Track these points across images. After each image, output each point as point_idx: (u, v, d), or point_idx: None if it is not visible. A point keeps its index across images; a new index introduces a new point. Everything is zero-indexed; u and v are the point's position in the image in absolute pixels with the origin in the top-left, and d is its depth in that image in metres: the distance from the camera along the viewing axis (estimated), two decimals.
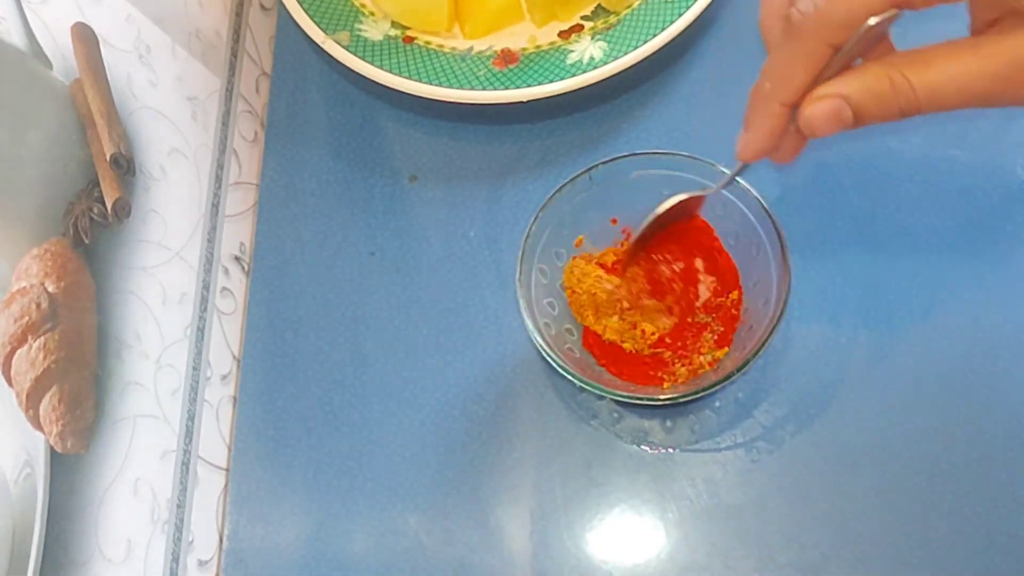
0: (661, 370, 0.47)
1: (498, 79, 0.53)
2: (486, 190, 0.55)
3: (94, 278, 0.46)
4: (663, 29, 0.52)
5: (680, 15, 0.52)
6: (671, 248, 0.48)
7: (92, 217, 0.47)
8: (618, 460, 0.48)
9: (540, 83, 0.52)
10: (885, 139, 0.51)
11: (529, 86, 0.52)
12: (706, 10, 0.52)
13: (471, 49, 0.56)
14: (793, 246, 0.43)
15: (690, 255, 0.48)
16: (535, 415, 0.49)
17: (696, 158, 0.46)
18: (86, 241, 0.46)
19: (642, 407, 0.49)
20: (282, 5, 0.57)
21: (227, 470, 0.51)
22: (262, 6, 0.63)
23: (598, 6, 0.56)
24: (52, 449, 0.42)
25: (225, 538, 0.50)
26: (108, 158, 0.48)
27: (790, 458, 0.46)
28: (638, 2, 0.54)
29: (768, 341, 0.42)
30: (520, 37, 0.56)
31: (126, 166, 0.49)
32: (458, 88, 0.53)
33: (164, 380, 0.49)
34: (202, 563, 0.49)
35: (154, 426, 0.48)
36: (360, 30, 0.56)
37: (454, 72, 0.54)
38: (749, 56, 0.56)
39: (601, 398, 0.49)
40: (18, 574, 0.40)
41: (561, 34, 0.56)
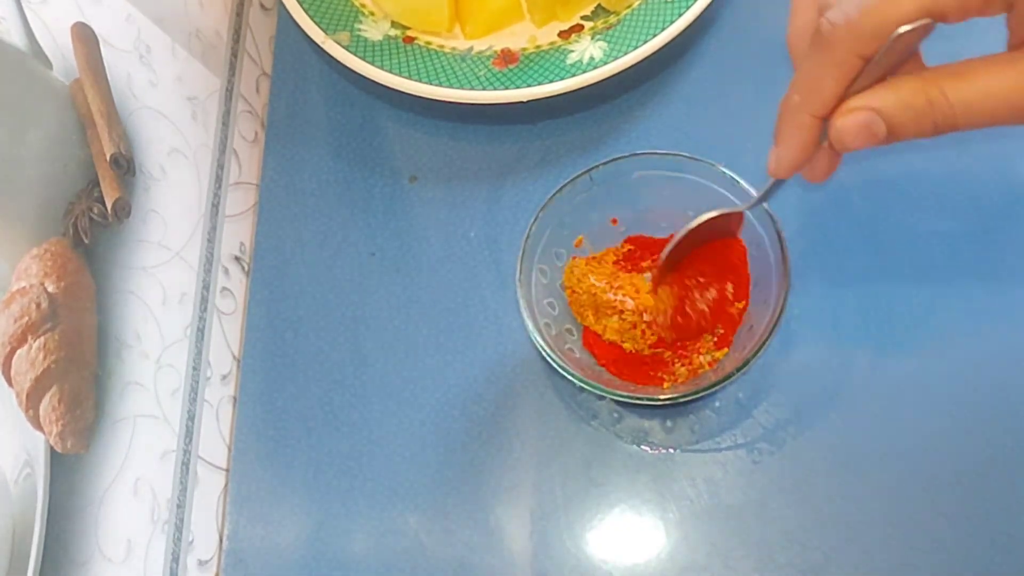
0: (661, 370, 0.47)
1: (498, 79, 0.53)
2: (486, 190, 0.55)
3: (94, 278, 0.46)
4: (663, 29, 0.52)
5: (680, 15, 0.52)
6: (705, 269, 0.47)
7: (92, 217, 0.47)
8: (618, 460, 0.48)
9: (540, 83, 0.52)
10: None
11: (529, 86, 0.52)
12: (706, 10, 0.52)
13: (471, 49, 0.56)
14: (793, 246, 0.43)
15: (723, 279, 0.47)
16: (535, 415, 0.49)
17: (696, 158, 0.46)
18: (86, 241, 0.46)
19: (642, 407, 0.49)
20: (282, 5, 0.57)
21: (227, 470, 0.51)
22: (262, 6, 0.63)
23: (598, 6, 0.56)
24: (52, 449, 0.42)
25: (225, 538, 0.50)
26: (108, 158, 0.48)
27: (791, 458, 0.46)
28: (638, 2, 0.54)
29: (768, 341, 0.42)
30: (520, 37, 0.56)
31: (126, 166, 0.49)
32: (458, 88, 0.53)
33: (164, 380, 0.49)
34: (202, 563, 0.49)
35: (154, 426, 0.48)
36: (360, 30, 0.56)
37: (454, 72, 0.54)
38: (749, 56, 0.56)
39: (601, 398, 0.49)
40: (18, 574, 0.40)
41: (561, 34, 0.56)
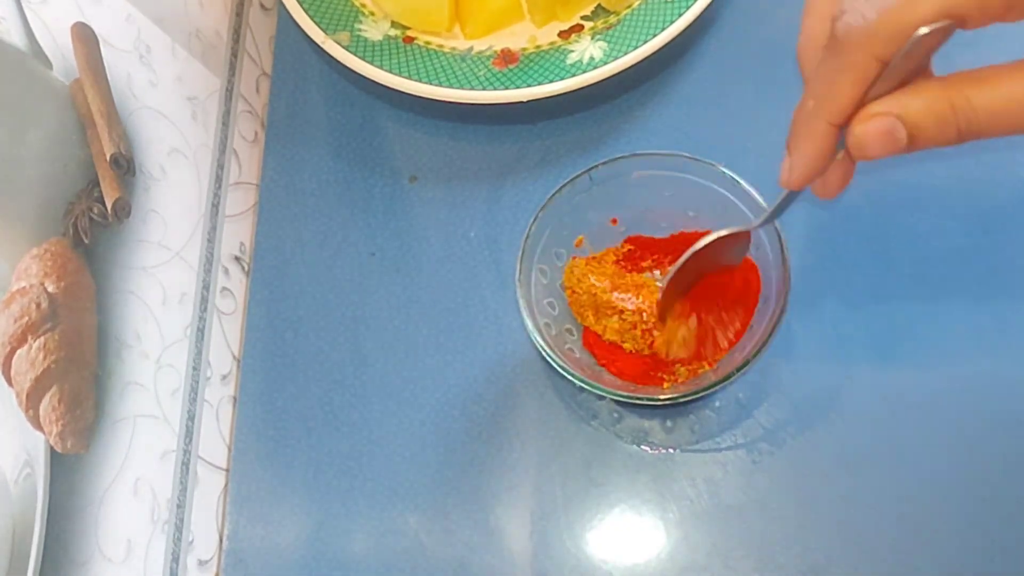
0: (661, 370, 0.47)
1: (498, 79, 0.53)
2: (486, 190, 0.55)
3: (94, 278, 0.46)
4: (663, 29, 0.52)
5: (680, 15, 0.52)
6: (721, 302, 0.46)
7: (92, 217, 0.47)
8: (618, 460, 0.48)
9: (540, 83, 0.52)
10: None
11: (529, 86, 0.52)
12: (706, 10, 0.52)
13: (471, 49, 0.56)
14: (793, 246, 0.43)
15: (748, 313, 0.45)
16: (535, 415, 0.49)
17: (696, 158, 0.46)
18: (86, 241, 0.46)
19: (642, 407, 0.49)
20: (282, 5, 0.57)
21: (227, 470, 0.51)
22: (262, 6, 0.63)
23: (598, 6, 0.56)
24: (52, 449, 0.42)
25: (225, 538, 0.50)
26: (108, 158, 0.48)
27: (791, 459, 0.46)
28: (638, 2, 0.54)
29: (768, 341, 0.42)
30: (520, 37, 0.56)
31: (126, 166, 0.49)
32: (458, 88, 0.53)
33: (164, 380, 0.49)
34: (202, 563, 0.49)
35: (154, 426, 0.48)
36: (360, 30, 0.56)
37: (454, 72, 0.54)
38: (749, 56, 0.56)
39: (601, 398, 0.49)
40: (18, 574, 0.40)
41: (561, 34, 0.55)
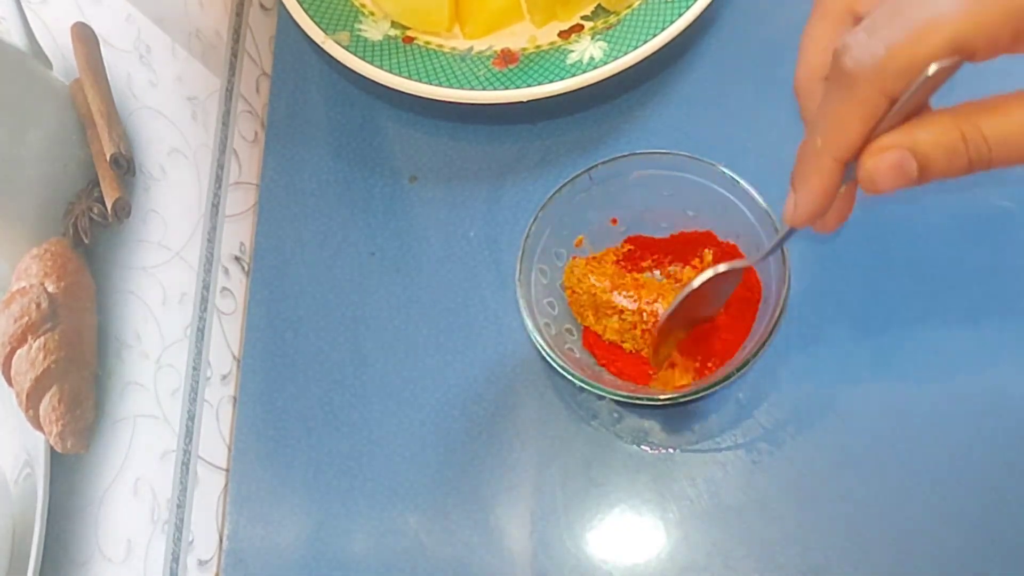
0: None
1: (498, 79, 0.53)
2: (486, 190, 0.55)
3: (94, 278, 0.46)
4: (663, 29, 0.52)
5: (680, 15, 0.52)
6: (715, 350, 0.46)
7: (92, 217, 0.47)
8: (618, 460, 0.48)
9: (540, 83, 0.52)
10: None
11: (529, 86, 0.52)
12: (706, 10, 0.52)
13: (471, 49, 0.56)
14: (794, 246, 0.43)
15: (749, 314, 0.46)
16: (535, 415, 0.49)
17: (696, 158, 0.46)
18: (86, 241, 0.46)
19: (642, 407, 0.48)
20: (282, 5, 0.57)
21: (227, 470, 0.51)
22: (262, 6, 0.63)
23: (598, 6, 0.56)
24: (52, 449, 0.42)
25: (225, 538, 0.50)
26: (108, 158, 0.48)
27: (791, 459, 0.46)
28: (638, 2, 0.54)
29: (768, 341, 0.42)
30: (520, 37, 0.56)
31: (126, 166, 0.49)
32: (458, 88, 0.53)
33: (164, 380, 0.49)
34: (202, 563, 0.49)
35: (154, 426, 0.48)
36: (360, 30, 0.56)
37: (454, 72, 0.54)
38: (749, 56, 0.56)
39: (601, 398, 0.49)
40: (18, 574, 0.40)
41: (561, 34, 0.55)
